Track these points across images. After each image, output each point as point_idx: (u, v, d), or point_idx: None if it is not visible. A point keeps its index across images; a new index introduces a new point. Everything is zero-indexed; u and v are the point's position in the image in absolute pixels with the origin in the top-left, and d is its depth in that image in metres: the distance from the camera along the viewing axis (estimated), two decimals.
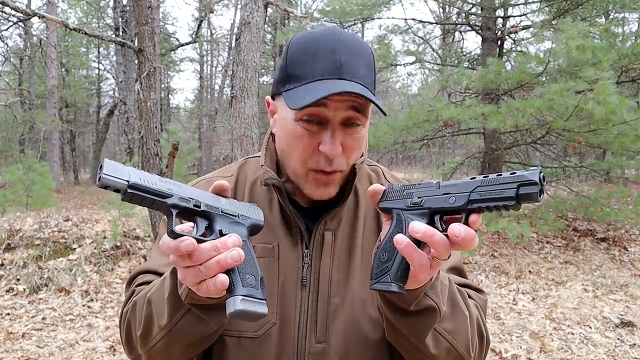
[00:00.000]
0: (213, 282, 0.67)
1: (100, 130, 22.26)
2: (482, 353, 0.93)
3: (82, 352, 3.83)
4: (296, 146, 0.87)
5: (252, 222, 0.77)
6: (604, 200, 7.07)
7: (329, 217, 0.95)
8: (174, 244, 0.66)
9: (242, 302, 0.66)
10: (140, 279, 0.98)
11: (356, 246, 0.97)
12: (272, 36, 18.55)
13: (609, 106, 5.28)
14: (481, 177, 0.67)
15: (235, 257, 0.66)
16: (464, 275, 1.02)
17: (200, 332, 0.81)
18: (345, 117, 0.85)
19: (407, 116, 6.83)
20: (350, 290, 0.93)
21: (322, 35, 0.86)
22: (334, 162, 0.86)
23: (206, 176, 1.08)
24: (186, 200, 0.70)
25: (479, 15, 8.72)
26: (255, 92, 5.02)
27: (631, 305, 4.97)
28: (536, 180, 0.60)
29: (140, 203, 0.67)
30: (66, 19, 20.58)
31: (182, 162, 9.10)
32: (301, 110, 0.82)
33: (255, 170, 1.04)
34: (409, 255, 0.68)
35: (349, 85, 0.81)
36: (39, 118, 16.13)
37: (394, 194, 0.78)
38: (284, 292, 0.92)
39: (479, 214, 0.66)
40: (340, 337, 0.91)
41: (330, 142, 0.84)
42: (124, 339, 0.93)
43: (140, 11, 4.49)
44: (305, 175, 0.89)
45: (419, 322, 0.79)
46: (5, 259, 5.23)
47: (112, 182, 0.63)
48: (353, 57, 0.85)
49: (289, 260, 0.94)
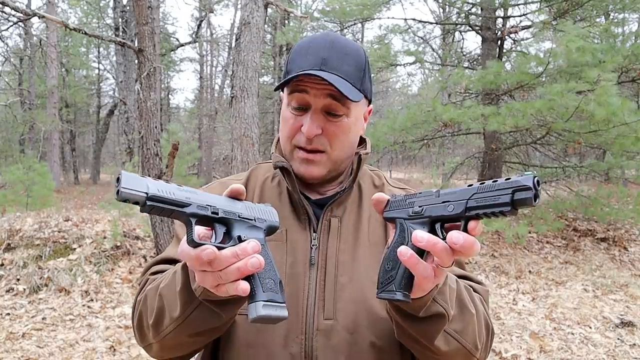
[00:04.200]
0: (234, 288, 0.68)
1: (100, 130, 22.27)
2: (488, 343, 0.96)
3: (82, 352, 3.83)
4: (285, 127, 1.00)
5: (268, 225, 0.78)
6: (604, 200, 7.07)
7: (335, 204, 1.01)
8: (195, 254, 0.67)
9: (265, 308, 0.68)
10: (155, 268, 1.01)
11: (361, 233, 1.01)
12: (272, 36, 18.53)
13: (610, 108, 5.28)
14: (478, 184, 0.68)
15: (256, 264, 0.67)
16: (463, 267, 1.06)
17: (212, 323, 0.83)
18: (325, 105, 0.94)
19: (406, 117, 6.84)
20: (356, 270, 0.97)
21: (317, 37, 0.98)
22: (313, 141, 0.96)
23: (220, 180, 1.16)
24: (204, 208, 0.70)
25: (479, 15, 8.72)
26: (255, 92, 5.02)
27: (631, 305, 4.97)
28: (530, 186, 0.61)
29: (159, 214, 0.67)
30: (66, 19, 20.58)
31: (182, 162, 9.11)
32: (290, 95, 0.97)
33: (267, 171, 1.12)
34: (412, 267, 0.70)
35: (323, 74, 0.91)
36: (39, 118, 16.14)
37: (396, 204, 0.80)
38: (292, 272, 0.96)
39: (477, 221, 0.67)
40: (348, 314, 0.94)
41: (309, 123, 0.94)
42: (135, 327, 0.96)
43: (140, 11, 4.49)
44: (291, 152, 1.00)
45: (428, 327, 0.82)
46: (5, 259, 5.23)
47: (131, 195, 0.63)
48: (339, 54, 0.95)
49: (298, 243, 0.99)
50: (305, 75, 0.91)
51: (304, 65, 0.93)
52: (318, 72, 0.91)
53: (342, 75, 0.93)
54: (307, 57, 0.95)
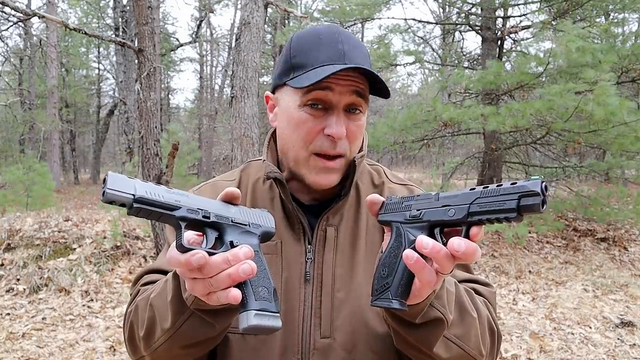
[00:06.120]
0: (225, 295, 0.65)
1: (100, 130, 22.26)
2: (494, 348, 0.92)
3: (82, 352, 3.83)
4: (300, 131, 0.88)
5: (263, 230, 0.75)
6: (604, 200, 7.07)
7: (331, 212, 0.95)
8: (185, 259, 0.63)
9: (256, 317, 0.64)
10: (146, 279, 0.97)
11: (359, 241, 0.96)
12: (272, 36, 18.53)
13: (609, 107, 5.28)
14: (481, 188, 0.64)
15: (247, 270, 0.64)
16: (470, 270, 1.01)
17: (205, 334, 0.79)
18: (349, 102, 0.87)
19: (406, 116, 6.84)
20: (354, 284, 0.92)
21: (324, 29, 0.91)
22: (338, 145, 0.87)
23: (210, 181, 1.09)
24: (195, 212, 0.67)
25: (479, 15, 8.72)
26: (255, 92, 5.02)
27: (631, 305, 4.97)
28: (538, 191, 0.58)
29: (147, 217, 0.64)
30: (66, 19, 20.58)
31: (182, 162, 9.11)
32: (307, 94, 0.85)
33: (258, 171, 1.05)
34: (418, 271, 0.67)
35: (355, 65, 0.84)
36: (39, 118, 16.14)
37: (392, 206, 0.76)
38: (287, 288, 0.92)
39: (479, 227, 0.64)
40: (345, 332, 0.90)
41: (336, 124, 0.86)
42: (127, 340, 0.92)
43: (140, 11, 4.50)
44: (306, 159, 0.90)
45: (427, 333, 0.78)
46: (5, 259, 5.23)
47: (117, 197, 0.60)
48: (355, 48, 0.89)
49: (292, 256, 0.93)
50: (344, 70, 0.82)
51: (323, 57, 0.86)
52: (352, 65, 0.83)
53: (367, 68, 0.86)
54: (322, 50, 0.86)
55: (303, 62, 0.87)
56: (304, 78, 0.85)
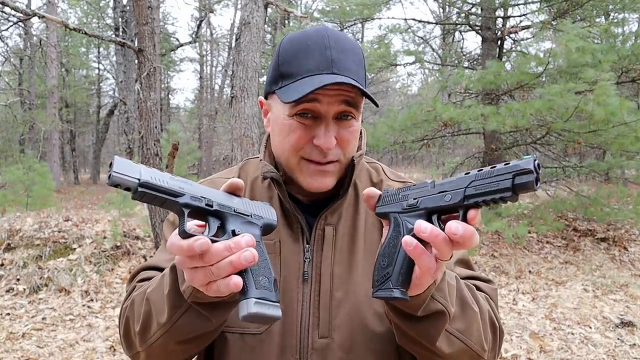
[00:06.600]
0: (225, 284, 0.64)
1: (100, 130, 22.28)
2: (496, 345, 0.92)
3: (82, 352, 3.83)
4: (289, 139, 0.88)
5: (265, 222, 0.75)
6: (604, 200, 7.07)
7: (329, 211, 0.95)
8: (187, 244, 0.63)
9: (256, 305, 0.64)
10: (142, 275, 0.97)
11: (358, 240, 0.95)
12: (272, 36, 18.53)
13: (609, 107, 5.28)
14: (475, 171, 0.65)
15: (249, 257, 0.64)
16: (471, 267, 1.01)
17: (201, 329, 0.79)
18: (339, 111, 0.86)
19: (406, 116, 6.84)
20: (353, 284, 0.92)
21: (313, 33, 0.88)
22: (328, 154, 0.87)
23: (208, 178, 1.08)
24: (198, 199, 0.67)
25: (479, 15, 8.72)
26: (255, 92, 5.02)
27: (631, 305, 4.97)
28: (531, 169, 0.58)
29: (151, 202, 0.64)
30: (66, 19, 20.58)
31: (182, 162, 9.10)
32: (295, 106, 0.84)
33: (256, 169, 1.04)
34: (417, 257, 0.67)
35: (341, 78, 0.82)
36: (39, 118, 16.15)
37: (389, 198, 0.76)
38: (285, 287, 0.91)
39: (477, 209, 0.64)
40: (344, 332, 0.89)
41: (325, 135, 0.85)
42: (122, 335, 0.92)
43: (140, 11, 4.50)
44: (297, 164, 0.89)
45: (429, 326, 0.77)
46: (5, 259, 5.23)
47: (122, 180, 0.61)
48: (344, 53, 0.86)
49: (291, 256, 0.93)
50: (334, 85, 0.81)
51: (310, 66, 0.84)
52: (338, 77, 0.82)
53: (353, 76, 0.84)
54: (310, 57, 0.85)
55: (290, 71, 0.86)
56: (291, 89, 0.84)
